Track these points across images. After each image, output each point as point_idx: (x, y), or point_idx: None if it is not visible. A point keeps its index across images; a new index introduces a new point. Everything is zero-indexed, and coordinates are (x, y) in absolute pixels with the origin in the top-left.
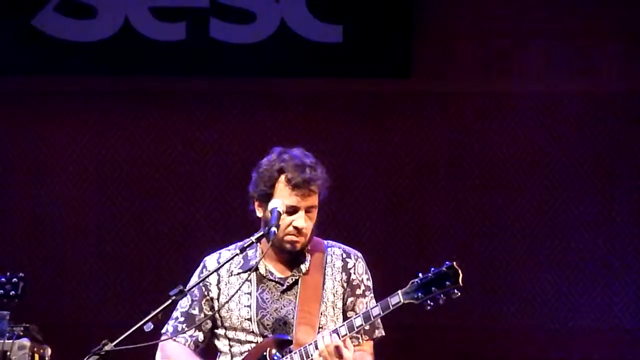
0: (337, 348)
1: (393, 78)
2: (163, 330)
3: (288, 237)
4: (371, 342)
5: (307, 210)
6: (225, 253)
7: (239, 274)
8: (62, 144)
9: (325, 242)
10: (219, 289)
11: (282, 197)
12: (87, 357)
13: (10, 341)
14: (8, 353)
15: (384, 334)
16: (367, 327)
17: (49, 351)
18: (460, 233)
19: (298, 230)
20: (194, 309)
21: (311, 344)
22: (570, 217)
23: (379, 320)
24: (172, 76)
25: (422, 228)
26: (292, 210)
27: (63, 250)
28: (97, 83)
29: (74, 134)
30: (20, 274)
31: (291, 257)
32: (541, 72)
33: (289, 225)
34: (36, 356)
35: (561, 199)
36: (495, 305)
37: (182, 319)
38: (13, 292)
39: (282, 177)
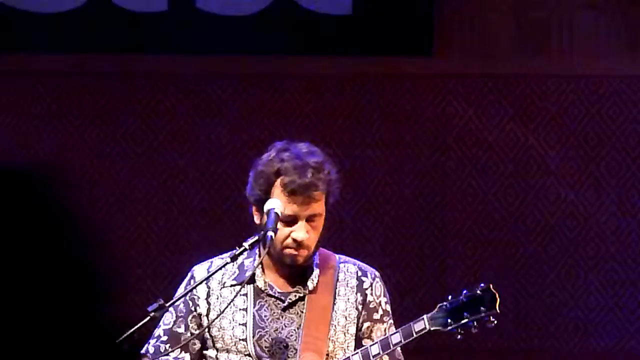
0: None
1: (412, 56)
2: (143, 351)
3: (287, 251)
4: None
5: (309, 220)
6: (218, 262)
7: (232, 285)
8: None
9: (338, 257)
10: (209, 303)
11: (279, 204)
12: None
13: None
14: None
15: None
16: (385, 358)
17: None
18: (489, 236)
19: (298, 244)
20: (179, 327)
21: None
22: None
23: (399, 351)
24: (152, 54)
25: (444, 231)
26: (290, 220)
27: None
28: (63, 62)
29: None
30: None
31: (295, 270)
32: (585, 49)
33: (287, 237)
34: None
35: (606, 194)
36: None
37: (164, 338)
38: None
39: (279, 181)
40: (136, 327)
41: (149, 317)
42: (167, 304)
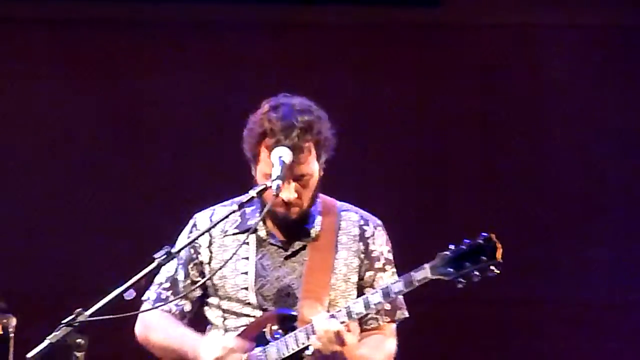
0: (337, 334)
1: (419, 6)
2: (144, 298)
3: (278, 209)
4: (392, 325)
5: (298, 179)
6: (220, 210)
7: (234, 234)
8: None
9: (340, 204)
10: (211, 252)
11: (266, 164)
12: (57, 328)
13: None
14: None
15: (407, 315)
16: (387, 307)
17: (13, 321)
18: (496, 195)
19: (287, 203)
20: (179, 274)
21: (341, 310)
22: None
23: (402, 299)
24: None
25: (451, 186)
26: None
27: (31, 208)
28: (63, 10)
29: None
30: None
31: (296, 220)
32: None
33: (276, 196)
34: None
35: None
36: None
37: (166, 285)
38: None
39: (265, 142)
40: (142, 273)
41: (155, 264)
42: (173, 251)
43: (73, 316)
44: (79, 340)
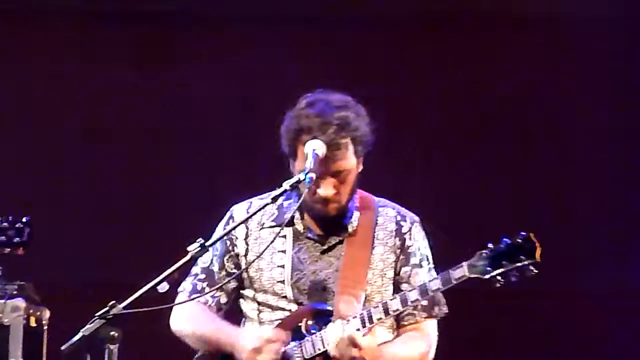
0: (350, 339)
1: None
2: (180, 289)
3: (317, 206)
4: (430, 322)
5: (336, 175)
6: (257, 202)
7: (271, 227)
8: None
9: (377, 200)
10: (247, 244)
11: (303, 161)
12: (91, 321)
13: (2, 301)
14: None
15: (446, 311)
16: (424, 303)
17: (47, 314)
18: (536, 188)
19: (326, 200)
20: (214, 266)
21: (355, 316)
22: None
23: (441, 295)
24: None
25: (490, 180)
26: (315, 177)
27: (64, 199)
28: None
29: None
30: (26, 218)
31: (335, 215)
32: None
33: (314, 193)
34: (32, 319)
35: None
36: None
37: (202, 276)
38: (17, 238)
39: (301, 139)
40: (176, 266)
41: (188, 257)
42: (207, 244)
43: (107, 309)
44: (112, 333)
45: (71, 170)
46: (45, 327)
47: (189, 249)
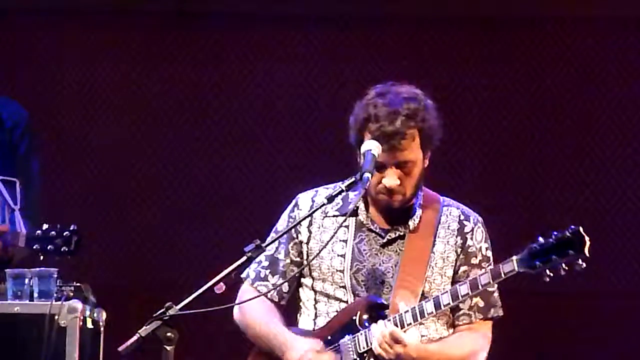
0: (392, 336)
1: None
2: (243, 275)
3: (380, 197)
4: (486, 323)
5: (400, 166)
6: (323, 191)
7: (335, 216)
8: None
9: (442, 199)
10: (310, 232)
11: (376, 145)
12: (148, 322)
13: (59, 303)
14: (56, 317)
15: (501, 313)
16: (481, 304)
17: (103, 315)
18: (586, 178)
19: (389, 190)
20: (279, 253)
21: (407, 310)
22: None
23: (497, 297)
24: None
25: (539, 180)
26: (380, 166)
27: (119, 201)
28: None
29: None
30: (74, 226)
31: (398, 209)
32: None
33: (379, 183)
34: (89, 320)
35: None
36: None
37: (265, 264)
38: (65, 248)
39: (369, 127)
40: (233, 266)
41: (245, 258)
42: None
43: (164, 310)
44: (169, 334)
45: (124, 171)
46: (102, 329)
47: (245, 249)
